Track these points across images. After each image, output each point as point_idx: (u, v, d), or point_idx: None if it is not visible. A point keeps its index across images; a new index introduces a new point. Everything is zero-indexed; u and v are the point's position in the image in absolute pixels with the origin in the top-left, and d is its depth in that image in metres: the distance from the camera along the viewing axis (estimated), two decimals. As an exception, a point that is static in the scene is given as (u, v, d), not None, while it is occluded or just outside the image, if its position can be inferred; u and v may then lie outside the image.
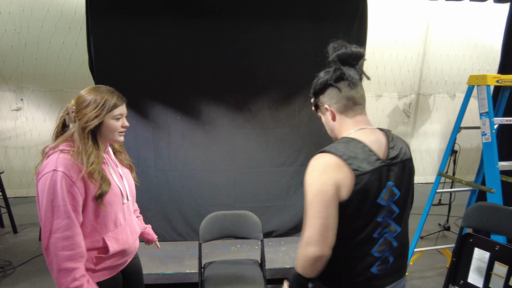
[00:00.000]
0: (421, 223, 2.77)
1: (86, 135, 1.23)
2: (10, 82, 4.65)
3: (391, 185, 1.05)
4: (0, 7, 4.38)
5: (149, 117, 2.90)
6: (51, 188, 1.15)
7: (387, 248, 1.07)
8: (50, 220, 1.14)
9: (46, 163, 1.19)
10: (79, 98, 1.27)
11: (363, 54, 1.11)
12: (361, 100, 1.11)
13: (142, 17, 2.80)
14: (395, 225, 1.07)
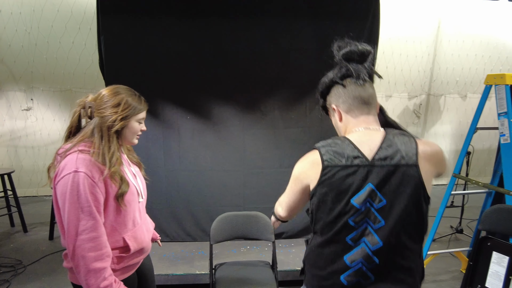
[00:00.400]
0: (435, 225, 2.72)
1: (112, 135, 1.22)
2: (21, 82, 4.69)
3: (371, 187, 0.95)
4: (11, 8, 4.42)
5: (159, 117, 2.89)
6: (74, 190, 1.12)
7: (363, 260, 0.96)
8: (75, 223, 1.12)
9: (64, 164, 1.15)
10: (105, 96, 1.24)
11: (370, 51, 1.05)
12: (369, 100, 1.03)
13: (152, 17, 2.79)
14: (377, 237, 0.95)
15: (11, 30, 4.50)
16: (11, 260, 3.02)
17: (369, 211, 0.96)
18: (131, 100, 1.27)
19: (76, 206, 1.12)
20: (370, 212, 0.96)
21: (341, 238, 0.98)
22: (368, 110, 1.03)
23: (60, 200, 1.14)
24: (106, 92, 1.26)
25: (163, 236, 3.02)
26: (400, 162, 0.96)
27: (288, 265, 2.63)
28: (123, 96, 1.25)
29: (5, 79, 4.66)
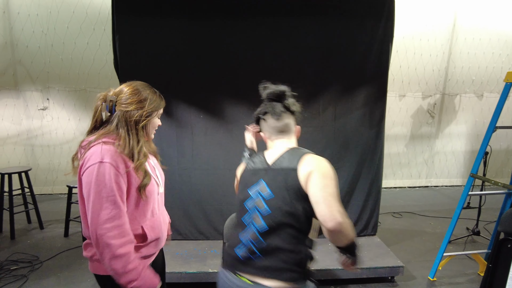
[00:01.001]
0: (451, 227, 2.66)
1: (139, 129, 1.26)
2: (37, 82, 4.79)
3: (262, 182, 1.27)
4: (29, 10, 4.52)
5: (173, 116, 2.91)
6: (99, 180, 1.15)
7: (251, 239, 1.23)
8: (100, 212, 1.15)
9: (90, 155, 1.18)
10: (128, 91, 1.26)
11: (285, 91, 1.40)
12: (284, 128, 1.36)
13: (166, 17, 2.81)
14: (263, 222, 1.22)
15: (28, 32, 4.60)
16: (28, 256, 3.08)
17: (260, 201, 1.25)
18: (155, 97, 1.32)
19: (101, 195, 1.15)
20: (260, 202, 1.25)
21: (239, 219, 1.31)
22: (282, 136, 1.37)
23: (85, 190, 1.18)
24: (128, 88, 1.28)
25: (175, 234, 3.04)
26: (284, 166, 1.26)
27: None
28: (148, 92, 1.30)
29: (23, 79, 4.77)
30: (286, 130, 1.37)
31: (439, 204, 4.76)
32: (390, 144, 5.38)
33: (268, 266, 1.19)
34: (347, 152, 3.04)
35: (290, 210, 1.20)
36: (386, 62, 2.99)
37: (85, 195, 1.18)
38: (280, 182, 1.23)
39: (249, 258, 1.22)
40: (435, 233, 3.71)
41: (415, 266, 2.96)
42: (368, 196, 3.11)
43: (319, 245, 2.99)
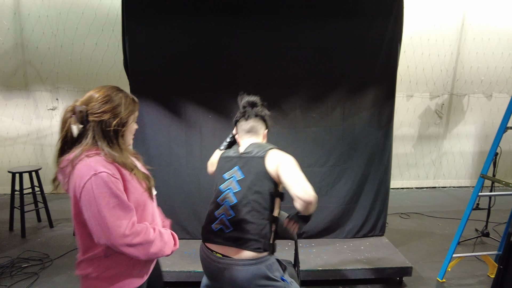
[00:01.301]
0: (461, 228, 2.64)
1: (119, 138, 1.19)
2: (47, 83, 4.85)
3: (236, 168, 1.56)
4: (39, 11, 4.59)
5: (182, 116, 2.93)
6: (102, 191, 1.08)
7: (224, 213, 1.50)
8: (117, 223, 1.09)
9: (79, 173, 1.09)
10: (99, 98, 1.16)
11: (256, 101, 1.71)
12: (251, 130, 1.67)
13: (175, 17, 2.83)
14: (233, 197, 1.50)
15: (38, 33, 4.66)
16: (38, 253, 3.12)
17: (232, 182, 1.54)
18: (129, 101, 1.23)
19: (111, 206, 1.08)
20: (232, 182, 1.53)
21: (215, 200, 1.57)
22: (250, 135, 1.67)
23: (88, 209, 1.09)
24: (99, 95, 1.18)
25: (184, 233, 3.06)
26: (252, 155, 1.55)
27: (309, 265, 2.62)
28: (120, 96, 1.20)
29: (33, 80, 4.84)
30: (253, 131, 1.66)
31: (447, 205, 4.73)
32: (397, 144, 5.36)
33: (236, 237, 1.45)
34: (355, 153, 3.03)
35: (257, 189, 1.48)
36: (394, 62, 2.99)
37: (91, 214, 1.09)
38: (250, 167, 1.52)
39: (221, 230, 1.49)
40: (444, 234, 3.69)
41: (424, 267, 2.94)
42: (376, 197, 3.10)
43: (327, 245, 3.00)
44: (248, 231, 1.44)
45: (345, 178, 3.06)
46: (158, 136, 2.94)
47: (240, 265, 1.42)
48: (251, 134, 1.65)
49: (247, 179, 1.50)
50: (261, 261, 1.44)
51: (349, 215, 3.10)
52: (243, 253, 1.43)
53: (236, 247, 1.44)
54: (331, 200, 3.07)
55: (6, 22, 4.58)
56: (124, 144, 1.21)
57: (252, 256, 1.43)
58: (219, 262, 1.46)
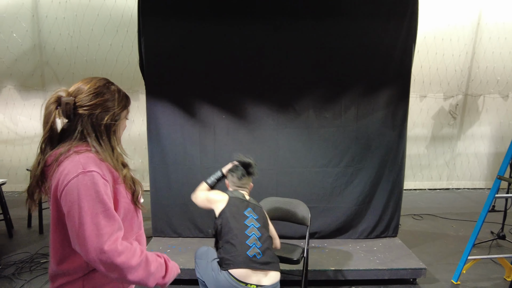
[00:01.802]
0: (476, 230, 2.61)
1: (111, 135, 1.07)
2: (63, 83, 4.95)
3: (250, 209, 1.94)
4: (56, 13, 4.69)
5: (196, 116, 2.97)
6: (88, 193, 0.93)
7: (254, 243, 1.82)
8: (98, 232, 0.93)
9: (65, 169, 0.96)
10: (91, 90, 1.03)
11: (250, 163, 2.08)
12: (244, 185, 2.07)
13: (190, 19, 2.87)
14: (258, 231, 1.87)
15: (55, 34, 4.77)
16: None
17: (253, 219, 1.90)
18: (122, 95, 1.11)
19: (94, 212, 0.93)
20: (253, 220, 1.90)
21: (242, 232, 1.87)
22: (241, 189, 2.06)
23: (70, 210, 0.93)
24: (89, 86, 1.04)
25: (197, 231, 3.10)
26: (257, 205, 2.02)
27: (321, 265, 2.63)
28: (113, 89, 1.08)
29: (50, 80, 4.95)
30: (242, 186, 2.06)
31: (461, 207, 4.66)
32: (410, 145, 5.30)
33: (269, 263, 1.81)
34: (369, 153, 3.03)
35: (266, 225, 1.97)
36: (409, 63, 2.97)
37: (71, 216, 0.93)
38: (257, 212, 1.95)
39: (256, 257, 1.79)
40: (458, 236, 3.64)
41: (438, 269, 2.92)
42: (389, 198, 3.08)
43: (340, 246, 3.00)
44: (272, 256, 1.85)
45: (358, 179, 3.05)
46: (173, 136, 2.99)
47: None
48: (242, 188, 2.05)
49: (260, 219, 1.92)
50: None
51: (362, 216, 3.10)
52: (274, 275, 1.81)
53: (271, 270, 1.80)
54: (344, 200, 3.07)
55: (25, 24, 4.70)
56: (115, 142, 1.09)
57: (279, 275, 1.83)
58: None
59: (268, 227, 1.99)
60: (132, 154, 5.15)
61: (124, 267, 0.96)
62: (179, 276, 2.74)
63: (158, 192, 3.08)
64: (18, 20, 4.67)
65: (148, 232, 3.29)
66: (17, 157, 5.06)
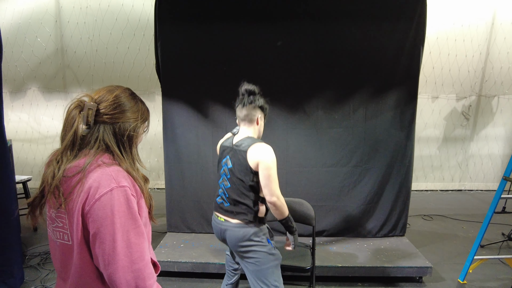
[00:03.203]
0: (482, 230, 2.64)
1: (133, 147, 1.05)
2: (83, 85, 5.19)
3: (227, 157, 1.83)
4: (77, 18, 4.93)
5: (209, 117, 3.10)
6: (122, 210, 0.91)
7: (222, 192, 1.84)
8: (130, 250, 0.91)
9: (96, 182, 0.92)
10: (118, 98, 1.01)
11: (255, 90, 1.85)
12: (244, 118, 1.83)
13: (205, 23, 3.00)
14: (228, 182, 1.81)
15: (76, 39, 5.01)
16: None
17: (226, 169, 1.83)
18: (144, 109, 1.09)
19: (129, 228, 0.92)
20: (226, 169, 1.82)
21: (217, 182, 1.91)
22: (245, 123, 1.85)
23: (101, 226, 0.89)
24: (112, 95, 1.02)
25: (210, 228, 3.22)
26: (239, 148, 1.77)
27: (329, 261, 2.71)
28: (137, 101, 1.07)
29: (70, 82, 5.20)
30: (247, 119, 1.82)
31: (473, 208, 4.64)
32: (422, 146, 5.30)
33: (231, 210, 1.80)
34: (377, 153, 3.09)
35: (241, 177, 1.76)
36: (417, 65, 3.01)
37: (102, 233, 0.90)
38: (236, 158, 1.77)
39: (222, 204, 1.84)
40: (468, 237, 3.65)
41: (445, 268, 2.96)
42: (397, 198, 3.14)
43: (348, 244, 3.07)
44: (239, 207, 1.78)
45: (366, 178, 3.12)
46: (187, 136, 3.13)
47: (232, 228, 1.79)
48: (246, 121, 1.83)
49: (234, 169, 1.78)
50: (248, 227, 1.77)
51: (370, 215, 3.16)
52: (235, 220, 1.80)
53: (232, 217, 1.80)
54: (353, 199, 3.14)
55: (48, 29, 4.95)
56: (137, 154, 1.06)
57: (240, 222, 1.79)
58: (222, 225, 1.83)
59: (246, 176, 1.74)
60: (148, 153, 5.34)
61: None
62: (192, 270, 2.88)
63: (173, 190, 3.22)
64: (43, 25, 4.92)
65: (163, 228, 3.45)
66: (40, 155, 5.33)
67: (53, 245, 1.03)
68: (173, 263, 2.72)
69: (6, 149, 2.42)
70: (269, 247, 1.81)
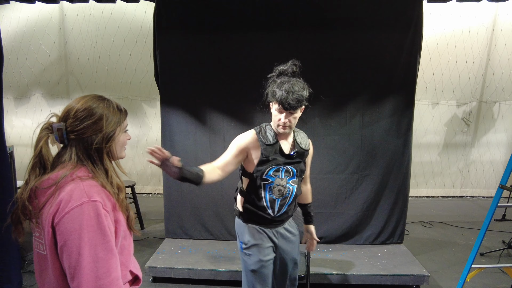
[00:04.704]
0: (480, 237, 2.62)
1: (104, 157, 1.03)
2: (86, 91, 5.26)
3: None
4: (80, 26, 5.01)
5: (207, 124, 3.13)
6: (91, 224, 0.92)
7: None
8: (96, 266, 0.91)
9: (67, 195, 0.94)
10: (78, 112, 1.01)
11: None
12: None
13: (203, 32, 3.05)
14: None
15: (79, 46, 5.09)
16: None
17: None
18: (112, 112, 1.05)
19: (94, 244, 0.92)
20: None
21: None
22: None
23: (68, 239, 0.91)
24: (77, 108, 1.02)
25: (208, 234, 3.25)
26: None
27: (325, 269, 2.71)
28: (101, 106, 1.04)
29: (73, 88, 5.27)
30: None
31: (474, 215, 4.61)
32: (422, 152, 5.29)
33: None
34: (374, 161, 3.09)
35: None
36: (413, 72, 3.03)
37: (69, 246, 0.91)
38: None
39: None
40: (468, 245, 3.63)
41: (442, 277, 2.94)
42: (394, 205, 3.13)
43: (344, 251, 3.06)
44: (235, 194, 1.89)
45: (363, 186, 3.12)
46: (185, 142, 3.17)
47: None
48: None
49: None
50: (237, 218, 1.83)
51: (367, 222, 3.16)
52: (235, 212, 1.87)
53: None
54: (350, 206, 3.14)
55: (53, 37, 5.04)
56: (108, 164, 1.05)
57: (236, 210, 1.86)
58: None
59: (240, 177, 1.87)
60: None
61: None
62: (188, 276, 2.89)
63: (171, 196, 3.25)
64: (47, 33, 5.01)
65: (161, 234, 3.47)
66: (43, 161, 5.39)
67: (34, 254, 1.05)
68: (170, 269, 2.74)
69: (6, 155, 2.46)
70: (241, 254, 1.78)
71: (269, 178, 1.70)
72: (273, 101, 1.69)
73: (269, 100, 1.72)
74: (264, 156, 1.67)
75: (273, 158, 1.68)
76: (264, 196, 1.71)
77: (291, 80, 1.68)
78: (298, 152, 1.76)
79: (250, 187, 1.74)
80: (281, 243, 1.82)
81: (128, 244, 1.09)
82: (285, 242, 1.84)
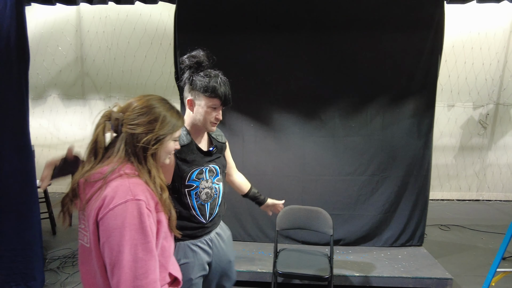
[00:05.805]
0: (506, 241, 2.58)
1: (148, 157, 1.04)
2: (101, 92, 5.32)
3: None
4: (97, 28, 5.07)
5: (226, 125, 3.13)
6: (134, 223, 0.92)
7: None
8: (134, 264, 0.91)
9: (113, 191, 0.95)
10: (137, 108, 1.03)
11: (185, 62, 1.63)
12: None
13: (223, 33, 3.06)
14: None
15: (95, 47, 5.15)
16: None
17: None
18: (169, 116, 1.07)
19: (138, 242, 0.92)
20: None
21: None
22: None
23: (110, 235, 0.92)
24: (138, 104, 1.05)
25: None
26: None
27: (346, 271, 2.68)
28: (160, 110, 1.05)
29: (89, 89, 5.33)
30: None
31: (492, 219, 4.53)
32: (437, 155, 5.23)
33: None
34: (394, 162, 3.07)
35: None
36: (434, 74, 3.00)
37: (110, 243, 0.92)
38: None
39: None
40: (488, 249, 3.57)
41: (465, 280, 2.89)
42: (415, 206, 3.10)
43: (364, 253, 3.03)
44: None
45: (383, 187, 3.09)
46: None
47: None
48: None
49: None
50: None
51: (387, 224, 3.13)
52: None
53: None
54: (370, 208, 3.12)
55: (69, 38, 5.11)
56: (153, 166, 1.05)
57: None
58: None
59: None
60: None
61: None
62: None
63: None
64: (64, 34, 5.08)
65: (179, 234, 3.48)
66: (58, 161, 5.44)
67: (79, 245, 1.07)
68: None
69: (31, 154, 2.50)
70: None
71: (193, 183, 1.48)
72: (206, 96, 1.50)
73: (195, 95, 1.51)
74: (180, 159, 1.45)
75: (192, 160, 1.48)
76: (191, 205, 1.49)
77: (217, 73, 1.57)
78: (217, 147, 1.64)
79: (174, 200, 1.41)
80: (216, 248, 1.63)
81: (168, 246, 1.08)
82: (220, 244, 1.66)
